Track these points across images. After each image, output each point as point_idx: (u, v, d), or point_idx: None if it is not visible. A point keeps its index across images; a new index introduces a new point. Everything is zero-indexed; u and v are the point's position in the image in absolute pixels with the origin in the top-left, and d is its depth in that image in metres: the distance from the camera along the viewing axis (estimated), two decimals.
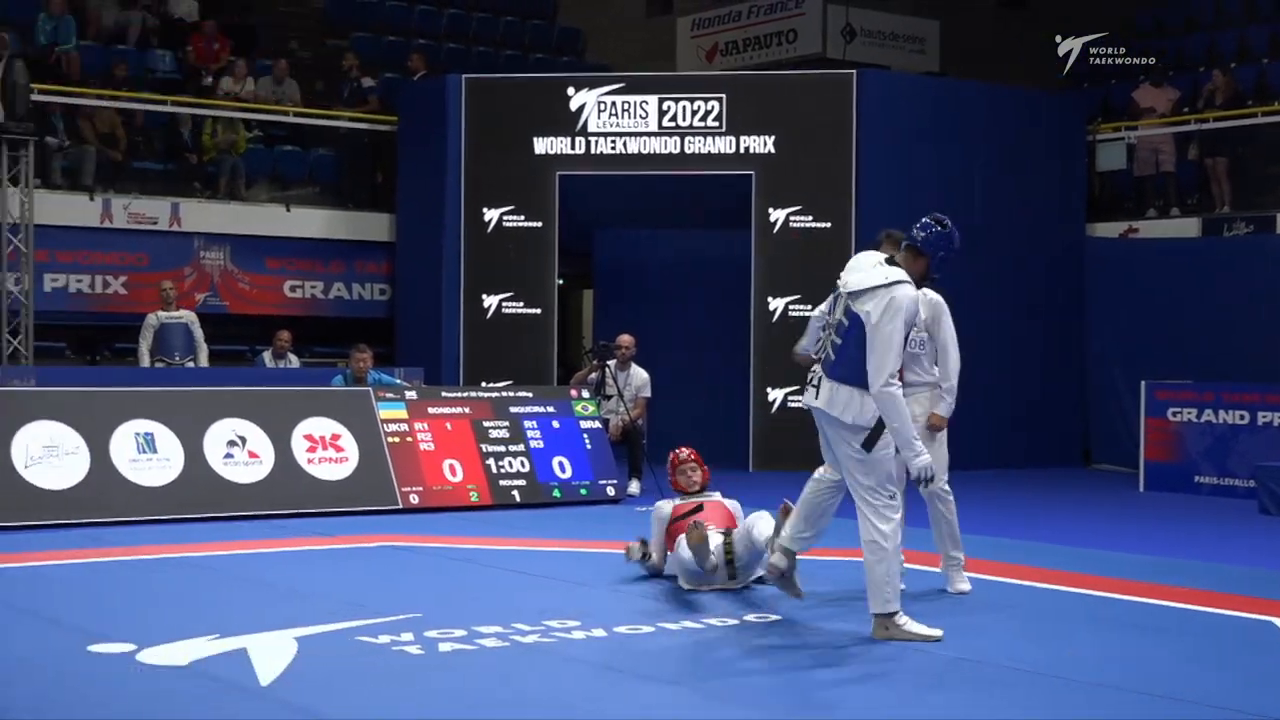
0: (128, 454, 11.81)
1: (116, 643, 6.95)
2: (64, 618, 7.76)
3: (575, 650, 7.07)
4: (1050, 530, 12.31)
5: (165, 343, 16.32)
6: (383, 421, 12.90)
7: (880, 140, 16.95)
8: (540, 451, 13.42)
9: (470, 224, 17.32)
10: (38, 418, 11.65)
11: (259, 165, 19.37)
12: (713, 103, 17.01)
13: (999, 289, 17.50)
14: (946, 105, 17.78)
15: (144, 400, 12.27)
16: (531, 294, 17.21)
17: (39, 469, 11.45)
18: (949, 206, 17.28)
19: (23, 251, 16.76)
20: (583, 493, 13.40)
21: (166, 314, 16.44)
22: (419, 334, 17.92)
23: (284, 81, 19.87)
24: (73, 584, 9.06)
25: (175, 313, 16.50)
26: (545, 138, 17.19)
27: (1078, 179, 18.64)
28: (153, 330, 16.36)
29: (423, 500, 12.63)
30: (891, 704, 6.31)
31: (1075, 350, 18.30)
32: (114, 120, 18.41)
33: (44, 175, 17.46)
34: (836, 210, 16.73)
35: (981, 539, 11.20)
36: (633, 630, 7.54)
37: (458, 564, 9.98)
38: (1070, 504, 14.76)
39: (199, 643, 6.99)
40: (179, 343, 16.34)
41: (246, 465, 12.23)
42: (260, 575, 9.38)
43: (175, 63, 20.14)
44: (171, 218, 18.03)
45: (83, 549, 10.23)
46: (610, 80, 17.61)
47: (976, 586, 8.99)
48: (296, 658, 6.75)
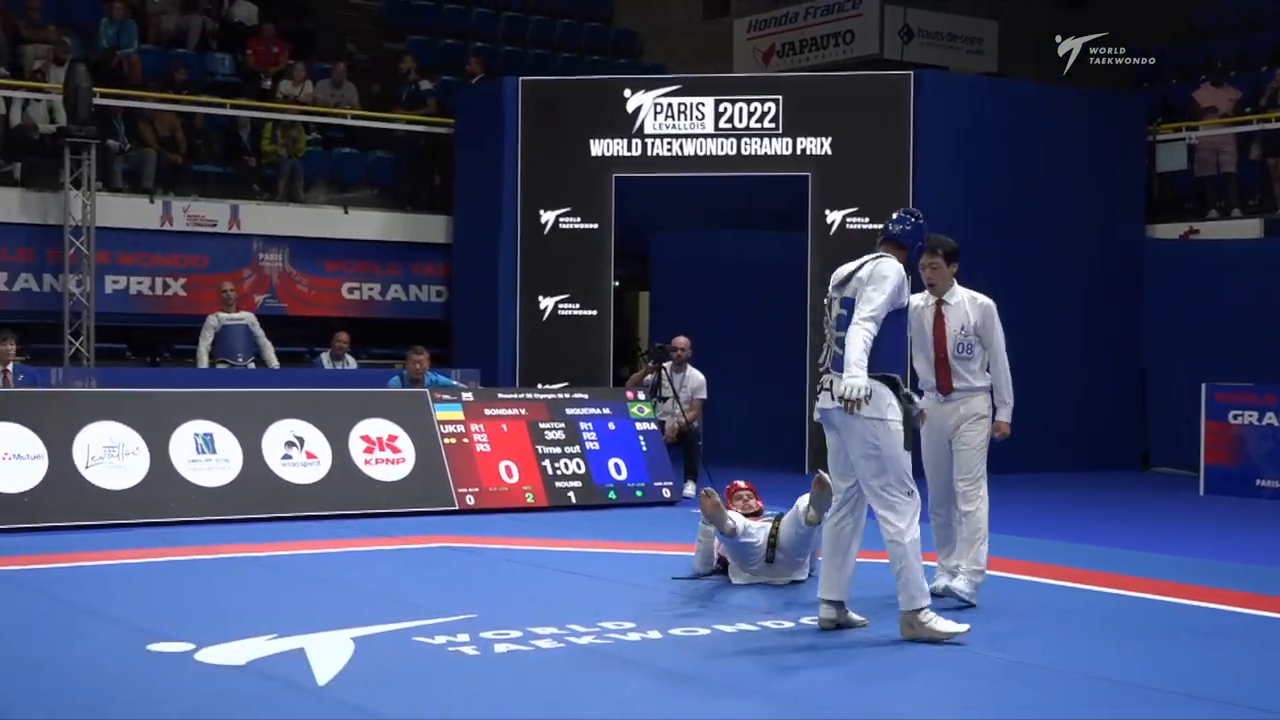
0: (187, 454, 11.90)
1: (175, 642, 7.01)
2: (123, 617, 7.83)
3: (630, 652, 7.08)
4: (1109, 534, 12.21)
5: (226, 344, 16.38)
6: (439, 423, 12.95)
7: (937, 141, 16.88)
8: (596, 453, 13.43)
9: (527, 226, 17.37)
10: (99, 418, 11.75)
11: (317, 168, 19.49)
12: (769, 104, 16.98)
13: (1058, 291, 17.40)
14: (1005, 106, 17.68)
15: (203, 401, 12.36)
16: (587, 296, 17.24)
17: (100, 469, 11.56)
18: (1006, 208, 17.44)
19: (84, 254, 16.93)
20: (638, 494, 13.41)
21: (227, 315, 16.50)
22: (475, 336, 17.99)
23: (342, 84, 20.00)
24: (132, 583, 9.13)
25: (236, 314, 16.57)
26: (602, 139, 17.21)
27: (1137, 180, 18.49)
28: (213, 331, 16.41)
29: (479, 501, 12.67)
30: (956, 706, 6.30)
31: (1135, 352, 18.16)
32: (174, 123, 18.57)
33: (105, 178, 17.62)
34: (893, 210, 16.61)
35: (1038, 542, 11.17)
36: (688, 632, 7.54)
37: (513, 565, 10.00)
38: (1129, 508, 14.67)
39: (257, 642, 7.04)
40: (240, 344, 16.42)
41: (304, 466, 12.31)
42: (317, 575, 9.44)
43: (234, 66, 20.30)
44: (231, 220, 18.16)
45: (142, 549, 10.31)
46: (667, 82, 17.62)
47: (1034, 590, 8.95)
48: (353, 658, 6.79)
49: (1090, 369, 17.77)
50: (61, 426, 11.60)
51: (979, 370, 8.53)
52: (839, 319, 7.55)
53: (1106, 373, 17.91)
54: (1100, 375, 17.85)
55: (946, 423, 8.45)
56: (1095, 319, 17.81)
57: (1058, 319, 17.32)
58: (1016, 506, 13.39)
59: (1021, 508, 13.44)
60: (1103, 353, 17.89)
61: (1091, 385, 17.77)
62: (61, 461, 11.44)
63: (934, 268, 8.54)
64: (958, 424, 8.44)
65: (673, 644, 7.30)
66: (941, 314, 8.52)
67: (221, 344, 16.41)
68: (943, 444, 8.49)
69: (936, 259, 8.51)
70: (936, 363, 8.50)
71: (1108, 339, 17.93)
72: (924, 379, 8.56)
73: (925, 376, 8.56)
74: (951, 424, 8.45)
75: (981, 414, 8.47)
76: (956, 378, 8.45)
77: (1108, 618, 8.27)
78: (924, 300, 8.61)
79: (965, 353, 8.48)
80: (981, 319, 8.51)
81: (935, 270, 8.55)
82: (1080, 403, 17.63)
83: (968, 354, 8.49)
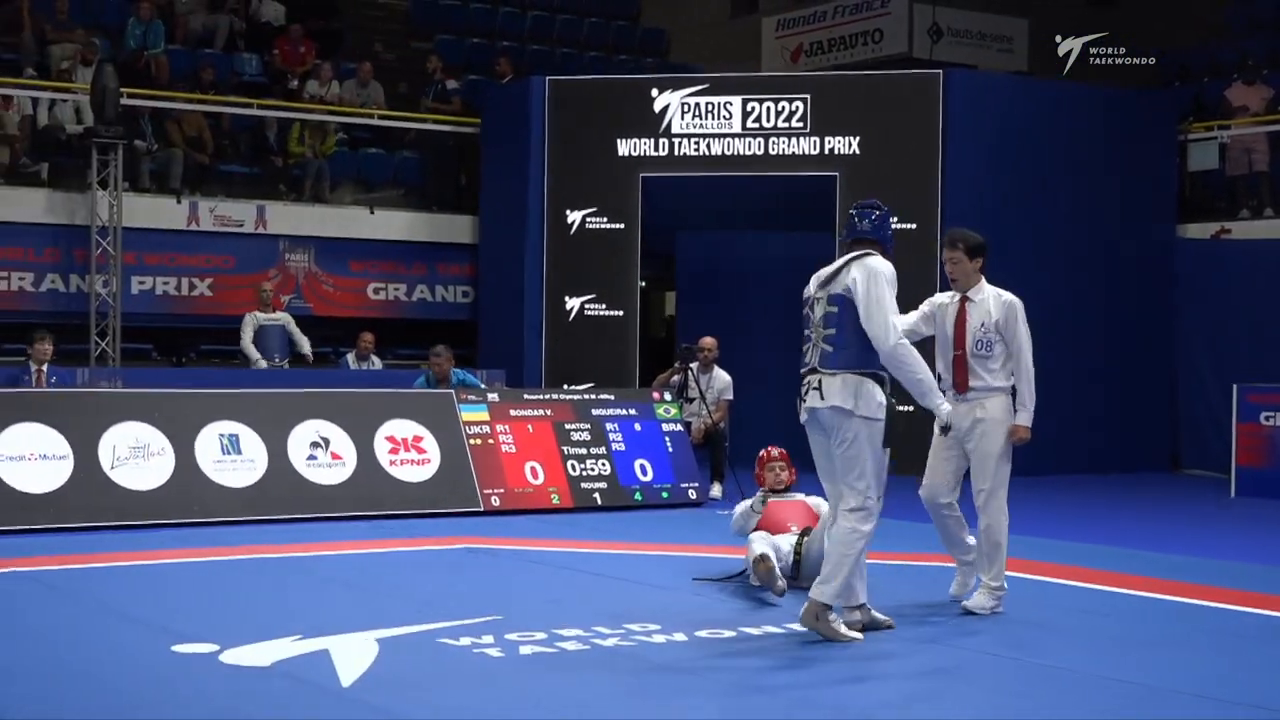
0: (212, 455, 11.93)
1: (200, 643, 7.02)
2: (148, 618, 7.85)
3: (656, 654, 7.06)
4: (1138, 537, 12.16)
5: (263, 344, 16.48)
6: (464, 423, 12.95)
7: (967, 141, 16.82)
8: (622, 454, 13.42)
9: (553, 226, 17.37)
10: (124, 419, 11.78)
11: (343, 168, 19.53)
12: (797, 103, 16.95)
13: (1087, 291, 17.33)
14: (1035, 105, 17.62)
15: (228, 402, 12.38)
16: (614, 296, 17.23)
17: (125, 470, 11.59)
18: (1037, 207, 17.35)
19: (111, 254, 16.99)
20: (664, 496, 13.39)
21: (265, 315, 16.63)
22: (501, 336, 18.00)
23: (368, 84, 20.03)
24: (157, 584, 9.16)
25: (273, 315, 16.69)
26: (629, 139, 17.21)
27: (1168, 179, 18.41)
28: (253, 329, 16.55)
29: (504, 502, 12.67)
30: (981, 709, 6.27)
31: (1165, 353, 18.07)
32: (201, 124, 18.65)
33: (132, 178, 17.69)
34: (922, 212, 16.61)
35: (1066, 544, 11.12)
36: (714, 634, 7.52)
37: (538, 566, 10.00)
38: (1158, 510, 14.60)
39: (281, 644, 7.05)
40: (276, 345, 16.51)
41: (329, 467, 12.32)
42: (342, 576, 9.45)
43: (261, 66, 20.37)
44: (257, 220, 18.22)
45: (167, 549, 10.34)
46: (694, 81, 17.59)
47: (1060, 592, 8.91)
48: (378, 659, 6.79)
49: (1120, 370, 17.68)
50: (87, 427, 11.63)
51: (999, 370, 8.25)
52: (827, 317, 7.49)
53: (1136, 374, 17.82)
54: (1130, 376, 17.77)
55: (961, 423, 8.15)
56: (1125, 319, 17.73)
57: (1088, 319, 17.24)
58: (1044, 508, 13.34)
59: (1049, 509, 13.39)
60: (1133, 353, 17.80)
61: (1121, 386, 17.68)
62: (87, 462, 11.48)
63: (955, 262, 8.42)
64: (972, 425, 8.18)
65: (698, 646, 7.28)
66: (965, 310, 8.34)
67: (258, 343, 16.53)
68: (953, 443, 8.24)
69: (958, 253, 8.40)
70: (954, 360, 8.30)
71: (1138, 339, 17.84)
72: (944, 378, 8.31)
73: (944, 375, 8.32)
74: (966, 425, 8.17)
75: (999, 418, 8.19)
76: (974, 376, 8.22)
77: (1136, 621, 8.22)
78: (949, 298, 8.49)
79: (985, 350, 8.23)
80: (1005, 316, 8.27)
81: (957, 265, 8.41)
82: (1110, 404, 17.54)
83: (987, 351, 8.23)
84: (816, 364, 7.52)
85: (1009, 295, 8.40)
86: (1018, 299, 8.41)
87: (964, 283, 8.43)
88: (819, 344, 7.52)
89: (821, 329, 7.51)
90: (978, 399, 8.22)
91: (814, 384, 7.49)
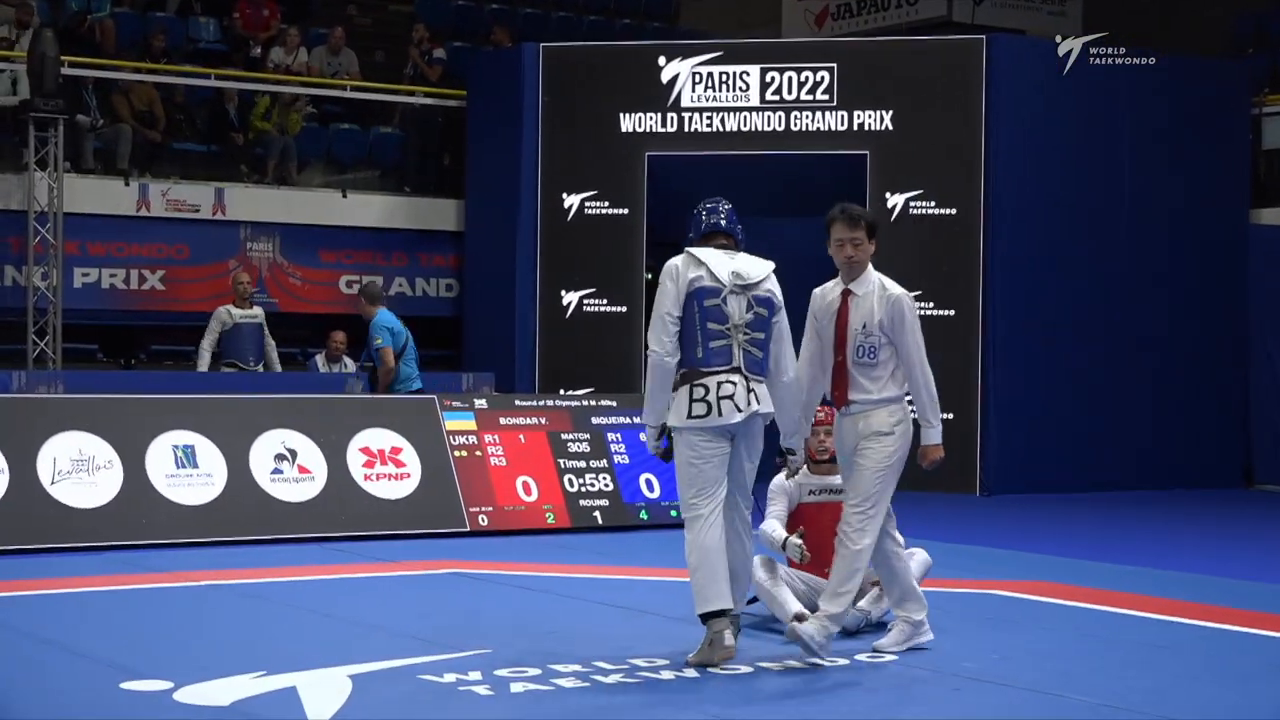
0: (165, 469, 11.93)
1: (152, 680, 7.02)
2: (94, 651, 7.84)
3: (664, 693, 7.07)
4: (1205, 560, 12.17)
5: (235, 345, 15.92)
6: (449, 433, 12.96)
7: (1013, 115, 16.83)
8: (625, 468, 13.43)
9: (548, 211, 17.39)
10: (66, 428, 11.78)
11: (312, 146, 19.55)
12: (822, 74, 16.96)
13: (1148, 284, 17.31)
14: (1089, 75, 17.61)
15: (184, 409, 12.39)
16: (616, 290, 17.25)
17: (67, 485, 11.59)
18: (1092, 190, 17.36)
19: (51, 243, 17.00)
20: (673, 514, 13.34)
21: (241, 311, 16.06)
22: (489, 335, 18.01)
23: (340, 52, 20.04)
24: (104, 614, 9.15)
25: (250, 311, 16.16)
26: (633, 114, 17.22)
27: (1240, 159, 18.40)
28: (222, 327, 15.90)
29: (493, 522, 12.68)
30: None
31: (1237, 355, 18.06)
32: (152, 96, 18.64)
33: (74, 158, 17.70)
34: (963, 195, 16.63)
35: (1127, 569, 11.13)
36: (729, 671, 7.53)
37: (532, 594, 10.00)
38: (1228, 530, 14.59)
39: (243, 680, 7.05)
40: (252, 346, 16.01)
41: (296, 482, 12.33)
42: (311, 605, 9.45)
43: (220, 31, 20.39)
44: (215, 205, 18.22)
45: (115, 574, 10.35)
46: (707, 49, 17.61)
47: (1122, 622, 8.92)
48: (351, 698, 6.79)
49: (1186, 373, 17.66)
50: (24, 437, 11.63)
51: (886, 379, 7.91)
52: (757, 320, 7.75)
53: (1204, 376, 17.81)
54: (1197, 379, 17.76)
55: (846, 443, 7.96)
56: (1191, 316, 17.70)
57: (1149, 318, 17.22)
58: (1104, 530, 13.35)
59: (1108, 532, 13.39)
60: (1200, 354, 17.78)
61: (1187, 391, 17.68)
62: (24, 477, 11.47)
63: (857, 244, 8.02)
64: (856, 443, 7.88)
65: (712, 683, 7.28)
66: (847, 306, 8.00)
67: (230, 344, 15.93)
68: (847, 467, 7.96)
69: (860, 233, 8.03)
70: (834, 368, 7.99)
71: (1206, 338, 17.82)
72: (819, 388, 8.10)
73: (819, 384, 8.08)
74: (850, 444, 7.92)
75: (883, 430, 7.83)
76: (855, 387, 7.90)
77: (1203, 655, 8.23)
78: (833, 287, 8.17)
79: (868, 356, 7.88)
80: (889, 316, 7.89)
81: (859, 248, 8.03)
82: (1174, 412, 17.53)
83: (870, 358, 7.88)
84: (743, 366, 7.71)
85: (896, 289, 8.00)
86: (906, 293, 8.05)
87: (856, 271, 8.06)
88: (743, 345, 7.72)
89: (748, 330, 7.73)
90: (861, 413, 7.90)
91: (748, 386, 7.69)
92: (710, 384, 7.62)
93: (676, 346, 7.71)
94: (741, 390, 7.63)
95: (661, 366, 7.72)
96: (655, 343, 7.74)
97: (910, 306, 7.97)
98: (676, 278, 7.78)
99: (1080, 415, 16.96)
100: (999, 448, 16.39)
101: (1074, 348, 16.74)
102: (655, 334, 7.76)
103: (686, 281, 7.74)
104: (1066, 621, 8.82)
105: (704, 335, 7.67)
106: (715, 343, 7.68)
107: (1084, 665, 7.76)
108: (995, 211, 16.48)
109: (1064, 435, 16.84)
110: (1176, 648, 8.42)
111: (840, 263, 8.09)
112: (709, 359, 7.65)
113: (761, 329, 7.73)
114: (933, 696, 7.12)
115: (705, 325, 7.67)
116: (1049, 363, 16.64)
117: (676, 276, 7.79)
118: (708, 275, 7.76)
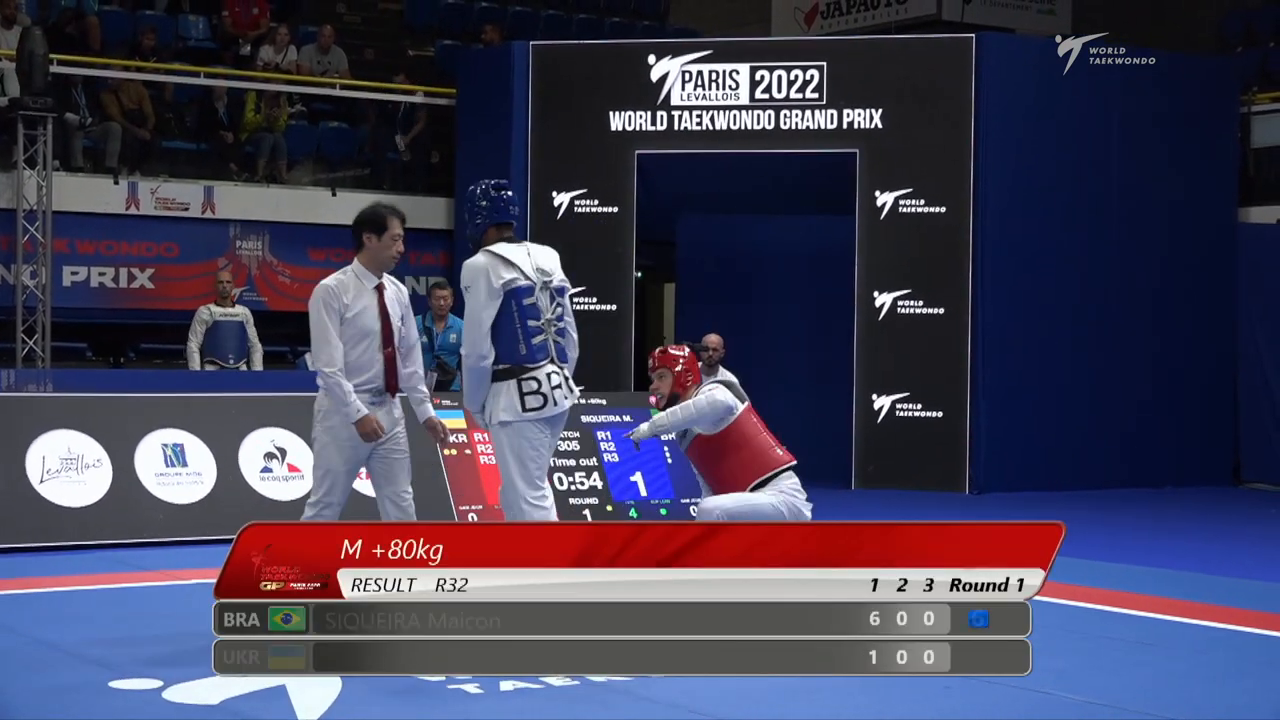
0: (154, 467, 11.93)
1: (141, 679, 7.04)
2: (82, 650, 7.84)
3: (651, 690, 7.06)
4: (1193, 558, 12.18)
5: (218, 343, 15.95)
6: None
7: (1003, 113, 16.84)
8: (615, 466, 13.43)
9: (538, 209, 17.38)
10: (55, 427, 11.77)
11: (302, 144, 19.52)
12: (812, 72, 16.96)
13: (1138, 284, 17.33)
14: (1079, 73, 17.62)
15: (173, 408, 12.39)
16: (606, 288, 17.24)
17: (56, 484, 11.59)
18: (1081, 188, 17.36)
19: (40, 241, 16.98)
20: (663, 513, 13.40)
21: (222, 309, 16.10)
22: None
23: (330, 50, 20.02)
24: (92, 612, 9.15)
25: (232, 309, 16.20)
26: (622, 112, 17.21)
27: (1229, 157, 18.42)
28: (204, 326, 15.97)
29: (483, 520, 12.67)
30: None
31: (1225, 352, 18.08)
32: (141, 94, 18.60)
33: (63, 156, 17.67)
34: (952, 193, 16.64)
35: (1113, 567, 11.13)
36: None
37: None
38: (1216, 528, 14.60)
39: (232, 679, 7.03)
40: (233, 344, 16.05)
41: (286, 480, 12.33)
42: None
43: (209, 30, 20.35)
44: (204, 203, 18.20)
45: (104, 573, 10.35)
46: (696, 47, 17.61)
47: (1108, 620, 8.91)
48: (341, 696, 6.79)
49: (1174, 371, 17.69)
50: (13, 436, 11.63)
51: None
52: (558, 312, 8.26)
53: (1193, 375, 17.83)
54: (1186, 377, 17.77)
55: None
56: (1181, 314, 17.73)
57: (1138, 315, 17.25)
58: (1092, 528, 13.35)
59: (1096, 530, 13.39)
60: (1189, 352, 17.81)
61: (1176, 388, 17.70)
62: (13, 476, 11.46)
63: (395, 237, 8.67)
64: (391, 427, 8.59)
65: (703, 681, 7.28)
66: (383, 301, 8.44)
67: (211, 342, 15.98)
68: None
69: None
70: (386, 359, 8.39)
71: (1195, 336, 17.85)
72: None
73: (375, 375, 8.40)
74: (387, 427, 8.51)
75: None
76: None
77: (1193, 653, 8.24)
78: (368, 285, 8.55)
79: (405, 346, 8.47)
80: (405, 307, 8.59)
81: (396, 240, 8.68)
82: (1163, 409, 17.56)
83: (407, 347, 8.49)
84: (555, 356, 8.25)
85: (396, 281, 8.63)
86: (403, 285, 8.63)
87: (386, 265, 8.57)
88: (553, 337, 8.24)
89: (556, 323, 8.26)
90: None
91: (565, 377, 8.25)
92: (540, 376, 8.12)
93: (493, 348, 8.07)
94: (563, 379, 8.17)
95: (479, 370, 8.11)
96: (473, 347, 8.10)
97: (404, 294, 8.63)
98: (490, 280, 8.05)
99: (1069, 413, 16.98)
100: (988, 446, 16.41)
101: (1063, 345, 16.76)
102: (473, 338, 8.09)
103: (503, 283, 8.06)
104: (1055, 619, 8.82)
105: (525, 333, 8.12)
106: (536, 338, 8.13)
107: (1073, 663, 7.76)
108: (985, 210, 16.49)
109: (1053, 433, 16.86)
110: (1166, 645, 8.44)
111: (391, 255, 8.62)
112: (533, 354, 8.13)
113: (561, 319, 8.28)
114: (922, 696, 7.11)
115: (526, 323, 8.13)
116: (1038, 361, 16.66)
117: (489, 279, 8.05)
118: (520, 275, 8.11)
